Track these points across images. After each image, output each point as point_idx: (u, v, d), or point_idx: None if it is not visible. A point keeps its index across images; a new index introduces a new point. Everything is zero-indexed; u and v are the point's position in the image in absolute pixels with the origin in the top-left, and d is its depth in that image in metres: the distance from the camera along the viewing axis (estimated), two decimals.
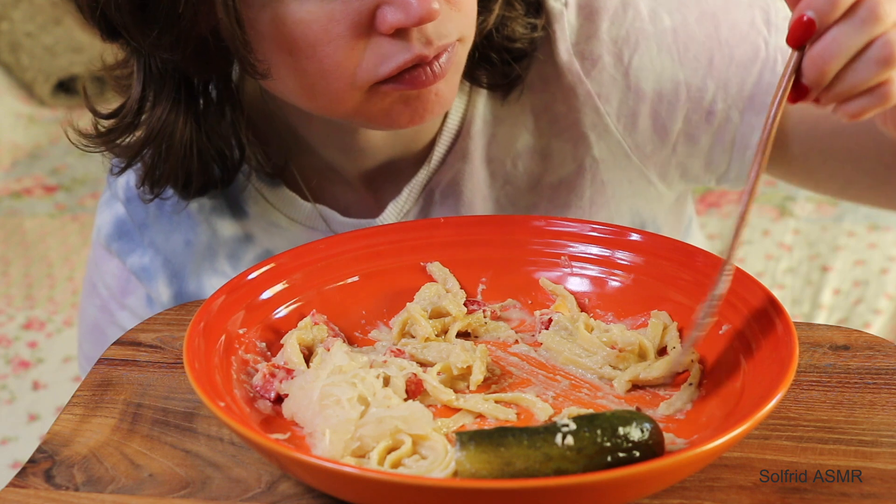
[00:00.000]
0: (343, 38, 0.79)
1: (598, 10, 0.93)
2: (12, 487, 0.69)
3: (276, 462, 0.65)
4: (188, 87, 0.90)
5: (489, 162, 0.97)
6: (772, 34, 0.94)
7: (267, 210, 0.99)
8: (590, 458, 0.63)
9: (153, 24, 0.80)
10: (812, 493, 0.66)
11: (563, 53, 0.93)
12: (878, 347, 0.79)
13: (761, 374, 0.69)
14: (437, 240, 0.88)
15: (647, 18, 0.93)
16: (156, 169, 0.94)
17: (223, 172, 0.96)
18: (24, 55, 2.92)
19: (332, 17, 0.78)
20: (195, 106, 0.91)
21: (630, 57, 0.93)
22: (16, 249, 2.32)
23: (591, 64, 0.93)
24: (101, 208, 1.06)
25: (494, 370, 0.78)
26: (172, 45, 0.81)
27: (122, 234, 1.03)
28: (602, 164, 0.95)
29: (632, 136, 0.95)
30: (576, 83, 0.93)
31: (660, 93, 0.93)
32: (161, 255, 1.01)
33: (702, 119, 0.94)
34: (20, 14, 2.97)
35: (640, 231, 0.85)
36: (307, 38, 0.79)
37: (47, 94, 2.88)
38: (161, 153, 0.92)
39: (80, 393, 0.78)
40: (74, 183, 2.57)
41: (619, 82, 0.93)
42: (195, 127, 0.92)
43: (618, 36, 0.93)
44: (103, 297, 1.05)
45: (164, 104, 0.89)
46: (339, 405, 0.69)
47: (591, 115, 0.94)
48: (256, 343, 0.79)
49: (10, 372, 1.99)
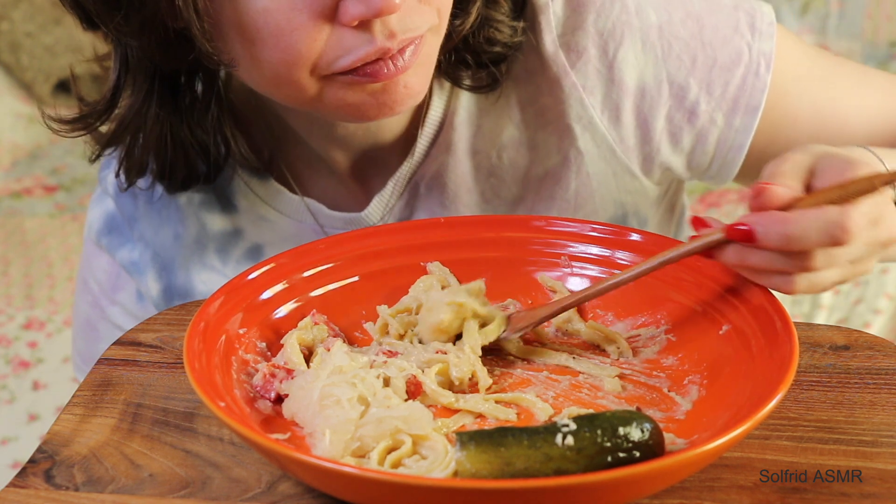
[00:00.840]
0: (305, 27, 0.78)
1: (585, 2, 0.93)
2: (12, 487, 0.69)
3: (277, 462, 0.65)
4: (167, 79, 0.90)
5: (474, 154, 0.97)
6: (755, 39, 0.94)
7: (255, 203, 1.00)
8: (590, 458, 0.63)
9: (117, 9, 0.81)
10: (812, 493, 0.66)
11: (549, 45, 0.93)
12: (878, 347, 0.79)
13: (761, 374, 0.69)
14: (437, 240, 0.88)
15: (634, 13, 0.93)
16: (130, 157, 0.95)
17: (208, 167, 0.97)
18: (24, 55, 2.92)
19: (294, 6, 0.78)
20: (174, 98, 0.92)
21: (615, 50, 0.93)
22: (16, 249, 2.32)
23: (576, 56, 0.93)
24: (91, 205, 1.07)
25: (494, 370, 0.78)
26: (138, 32, 0.82)
27: (112, 229, 1.03)
28: (587, 156, 0.96)
29: (616, 129, 0.95)
30: (561, 75, 0.93)
31: (643, 88, 0.94)
32: (150, 248, 1.01)
33: (684, 119, 0.95)
34: (20, 14, 2.97)
35: (640, 231, 0.85)
36: (269, 27, 0.79)
37: (47, 94, 2.88)
38: (136, 142, 0.94)
39: (80, 393, 0.78)
40: (74, 183, 2.57)
41: (604, 75, 0.93)
42: (175, 119, 0.92)
43: (604, 28, 0.93)
44: (94, 293, 1.06)
45: (138, 94, 0.90)
46: (339, 405, 0.69)
47: (577, 107, 0.94)
48: (256, 343, 0.79)
49: (10, 372, 2.00)
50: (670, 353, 0.78)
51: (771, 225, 0.71)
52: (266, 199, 1.00)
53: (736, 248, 0.74)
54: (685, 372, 0.76)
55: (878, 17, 2.86)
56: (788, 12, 2.90)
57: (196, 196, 1.00)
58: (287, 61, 0.80)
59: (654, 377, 0.76)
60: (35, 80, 2.89)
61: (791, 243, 0.71)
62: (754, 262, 0.74)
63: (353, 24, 0.78)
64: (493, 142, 0.97)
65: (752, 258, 0.74)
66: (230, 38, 0.81)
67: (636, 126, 0.95)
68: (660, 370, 0.77)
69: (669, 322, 0.80)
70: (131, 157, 0.95)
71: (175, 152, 0.94)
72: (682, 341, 0.78)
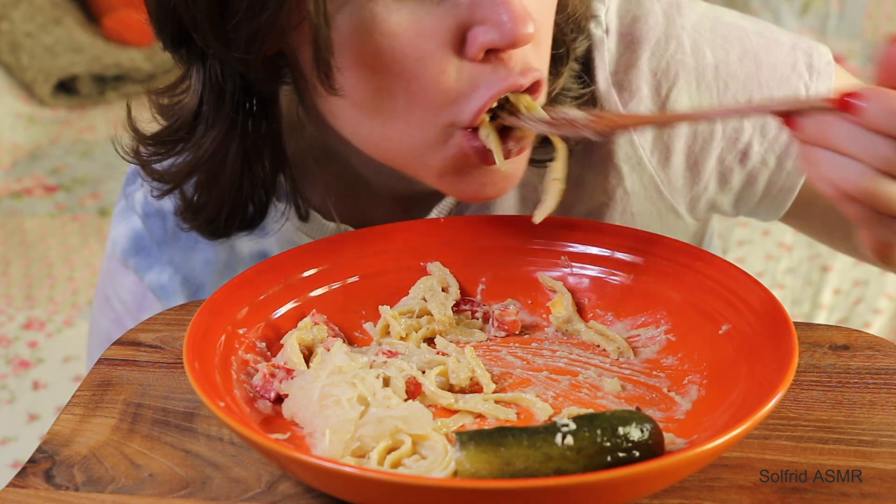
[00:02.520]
0: (433, 57, 0.74)
1: (640, 39, 0.90)
2: (12, 487, 0.69)
3: (276, 462, 0.65)
4: (247, 109, 0.84)
5: (522, 186, 0.95)
6: (813, 79, 0.92)
7: (287, 228, 0.96)
8: (590, 458, 0.63)
9: (231, 16, 0.74)
10: (812, 493, 0.66)
11: (602, 83, 0.91)
12: (878, 347, 0.79)
13: (761, 374, 0.69)
14: (437, 240, 0.88)
15: (689, 52, 0.90)
16: (200, 197, 0.88)
17: (255, 212, 0.90)
18: (24, 55, 2.92)
19: (421, 32, 0.74)
20: (245, 135, 0.85)
21: (668, 90, 0.91)
22: (16, 249, 2.33)
23: (629, 95, 0.91)
24: (115, 219, 1.03)
25: (493, 370, 0.78)
26: (247, 44, 0.75)
27: (140, 250, 1.00)
28: (633, 196, 0.94)
29: (664, 170, 0.93)
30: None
31: (695, 129, 0.91)
32: (180, 273, 0.99)
33: (735, 160, 0.92)
34: (20, 14, 2.97)
35: (640, 231, 0.85)
36: (394, 51, 0.74)
37: (47, 94, 2.88)
38: (209, 181, 0.86)
39: (80, 393, 0.78)
40: (74, 183, 2.57)
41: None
42: (243, 158, 0.86)
43: (657, 68, 0.90)
44: (118, 311, 1.04)
45: (220, 126, 0.83)
46: (338, 405, 0.69)
47: (626, 146, 0.92)
48: (256, 343, 0.79)
49: (10, 372, 2.00)
50: (670, 353, 0.78)
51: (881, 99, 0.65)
52: (298, 225, 0.96)
53: (824, 118, 0.67)
54: (685, 372, 0.76)
55: (878, 17, 2.86)
56: (788, 12, 2.91)
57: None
58: (412, 92, 0.75)
59: (653, 377, 0.76)
60: (35, 80, 2.89)
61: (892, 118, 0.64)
62: (835, 138, 0.66)
63: (481, 55, 0.74)
64: (541, 175, 0.95)
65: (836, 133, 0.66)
66: (343, 61, 0.75)
67: (686, 167, 0.93)
68: (660, 370, 0.77)
69: (669, 322, 0.80)
70: (201, 197, 0.88)
71: (241, 194, 0.88)
72: (682, 341, 0.78)
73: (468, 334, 0.82)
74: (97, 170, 2.58)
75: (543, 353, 0.80)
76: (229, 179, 0.86)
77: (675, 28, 0.91)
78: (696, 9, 0.93)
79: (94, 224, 2.41)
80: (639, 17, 0.91)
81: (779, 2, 2.89)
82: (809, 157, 0.69)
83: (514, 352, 0.80)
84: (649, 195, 0.94)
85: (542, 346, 0.81)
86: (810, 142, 0.68)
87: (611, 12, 0.92)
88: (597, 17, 0.91)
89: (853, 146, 0.66)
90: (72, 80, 2.91)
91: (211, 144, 0.84)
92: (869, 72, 2.87)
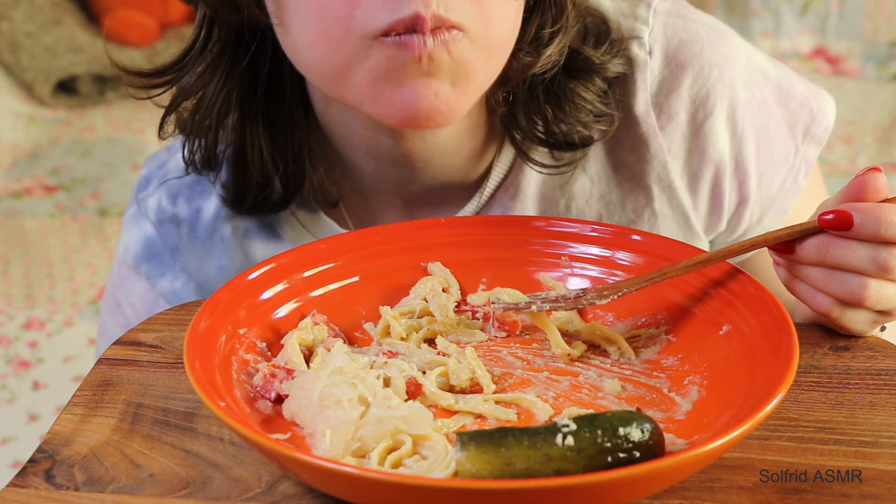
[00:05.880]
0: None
1: (685, 64, 0.91)
2: (12, 487, 0.69)
3: (277, 462, 0.65)
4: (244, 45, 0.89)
5: (542, 199, 0.95)
6: (804, 143, 0.95)
7: (302, 235, 0.97)
8: (590, 458, 0.63)
9: None
10: (812, 494, 0.66)
11: (641, 104, 0.92)
12: (878, 348, 0.79)
13: (762, 374, 0.69)
14: (437, 240, 0.88)
15: (728, 84, 0.92)
16: (234, 180, 0.94)
17: (285, 191, 0.94)
18: (24, 55, 2.92)
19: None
20: (267, 111, 0.92)
21: (704, 118, 0.92)
22: (16, 249, 2.33)
23: (666, 118, 0.92)
24: (127, 224, 1.03)
25: (493, 371, 0.78)
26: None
27: (152, 257, 1.00)
28: (660, 218, 0.95)
29: (692, 195, 0.95)
30: (650, 136, 0.92)
31: (720, 161, 0.93)
32: (194, 280, 0.99)
33: (735, 202, 0.95)
34: (20, 14, 2.98)
35: (640, 231, 0.85)
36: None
37: (47, 94, 2.88)
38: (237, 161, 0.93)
39: (81, 393, 0.78)
40: (74, 183, 2.57)
41: (689, 141, 0.93)
42: (266, 131, 0.92)
43: (697, 95, 0.92)
44: (128, 316, 1.04)
45: (213, 54, 0.90)
46: (339, 405, 0.69)
47: (659, 168, 0.93)
48: (257, 343, 0.79)
49: (10, 372, 2.00)
50: (670, 354, 0.78)
51: (869, 211, 0.71)
52: (313, 231, 0.97)
53: (820, 239, 0.74)
54: (685, 372, 0.76)
55: (878, 17, 2.86)
56: (788, 12, 2.91)
57: (241, 225, 0.97)
58: (323, 12, 0.77)
59: (654, 377, 0.76)
60: (35, 80, 2.89)
61: (889, 229, 0.70)
62: (835, 255, 0.73)
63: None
64: (563, 190, 0.95)
65: (834, 251, 0.73)
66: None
67: (710, 197, 0.95)
68: (660, 370, 0.77)
69: (669, 322, 0.80)
70: (209, 150, 0.93)
71: (257, 166, 0.92)
72: (683, 342, 0.78)
73: (469, 335, 0.82)
74: (97, 170, 2.58)
75: (544, 353, 0.80)
76: (257, 162, 0.92)
77: (718, 56, 0.92)
78: (736, 40, 0.95)
79: (94, 224, 2.41)
80: (685, 42, 0.92)
81: (779, 2, 2.89)
82: (801, 276, 0.76)
83: (515, 352, 0.80)
84: (677, 218, 0.95)
85: (543, 346, 0.81)
86: (805, 262, 0.74)
87: (655, 33, 0.92)
88: (640, 38, 0.92)
89: (852, 259, 0.72)
90: (72, 80, 2.91)
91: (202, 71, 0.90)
92: (869, 71, 2.87)
